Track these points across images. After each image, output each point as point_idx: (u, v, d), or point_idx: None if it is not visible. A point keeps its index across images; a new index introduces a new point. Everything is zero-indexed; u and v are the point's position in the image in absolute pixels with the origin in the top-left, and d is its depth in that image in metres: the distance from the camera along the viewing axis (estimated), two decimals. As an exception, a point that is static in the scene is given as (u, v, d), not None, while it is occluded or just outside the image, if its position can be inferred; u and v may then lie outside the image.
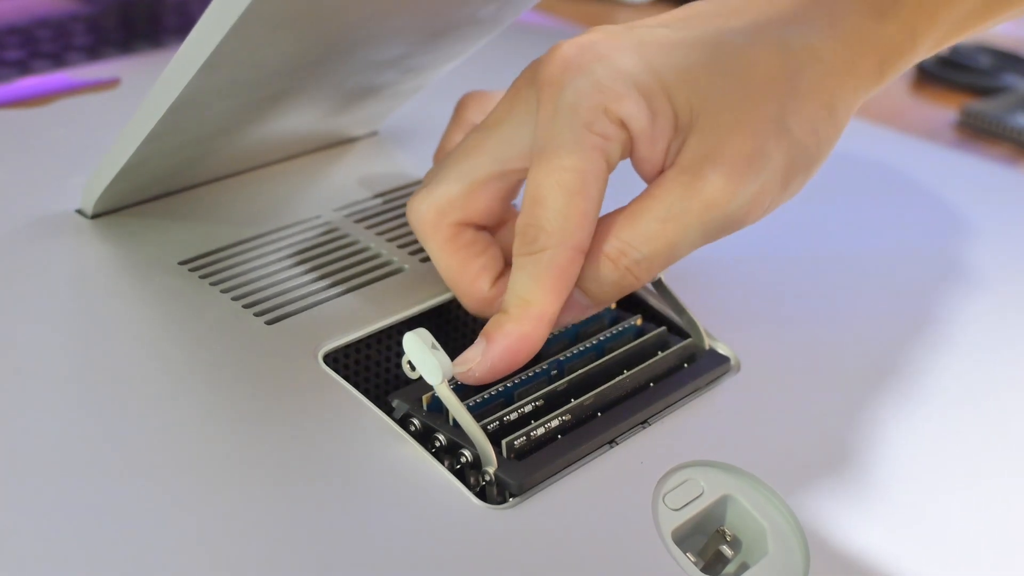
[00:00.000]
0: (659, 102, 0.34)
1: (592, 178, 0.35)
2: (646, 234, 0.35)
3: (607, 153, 0.35)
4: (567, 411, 0.36)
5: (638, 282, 0.36)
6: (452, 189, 0.38)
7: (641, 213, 0.35)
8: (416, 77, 0.46)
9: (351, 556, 0.31)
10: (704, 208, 0.34)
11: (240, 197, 0.46)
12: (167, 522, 0.31)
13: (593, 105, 0.34)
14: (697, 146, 0.35)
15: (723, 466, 0.36)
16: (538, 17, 0.73)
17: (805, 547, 0.34)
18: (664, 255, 0.35)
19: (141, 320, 0.39)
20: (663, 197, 0.35)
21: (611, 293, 0.36)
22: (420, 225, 0.38)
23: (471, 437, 0.34)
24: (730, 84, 0.35)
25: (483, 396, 0.36)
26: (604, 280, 0.36)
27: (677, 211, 0.35)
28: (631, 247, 0.35)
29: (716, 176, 0.34)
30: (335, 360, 0.38)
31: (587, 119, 0.34)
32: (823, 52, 0.36)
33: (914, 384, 0.41)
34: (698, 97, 0.34)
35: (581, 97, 0.34)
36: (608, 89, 0.34)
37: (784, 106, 0.35)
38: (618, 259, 0.35)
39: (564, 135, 0.34)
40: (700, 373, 0.39)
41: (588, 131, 0.34)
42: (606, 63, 0.35)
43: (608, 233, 0.35)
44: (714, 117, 0.34)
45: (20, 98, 0.54)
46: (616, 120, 0.34)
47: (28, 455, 0.33)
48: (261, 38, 0.35)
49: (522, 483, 0.34)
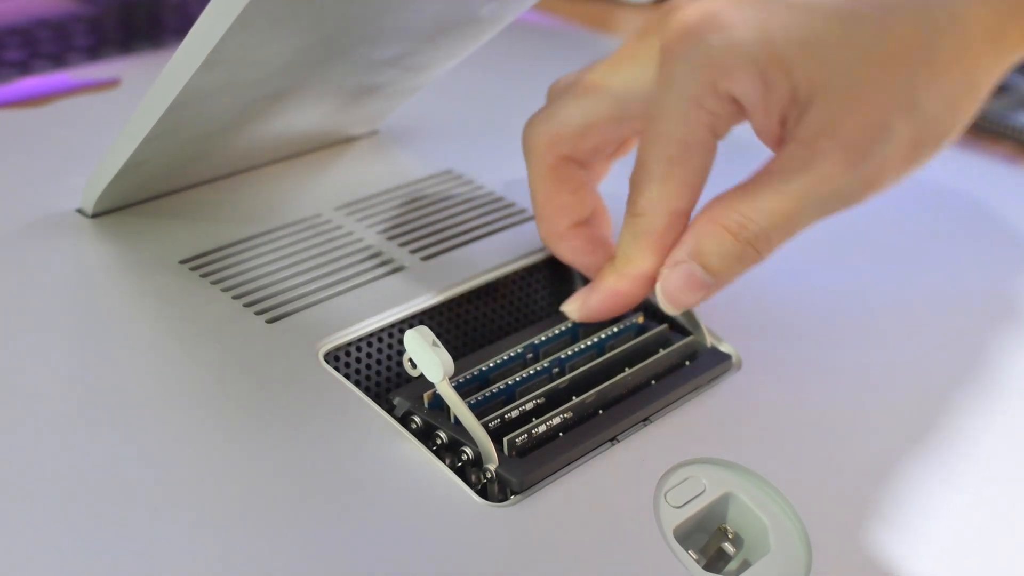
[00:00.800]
0: (775, 75, 0.34)
1: (696, 150, 0.35)
2: (764, 208, 0.35)
3: (714, 128, 0.35)
4: (568, 408, 0.36)
5: (758, 255, 0.36)
6: (571, 122, 0.39)
7: (759, 187, 0.35)
8: (416, 76, 0.46)
9: (352, 554, 0.31)
10: (820, 182, 0.34)
11: (240, 196, 0.45)
12: (168, 521, 0.31)
13: (704, 80, 0.34)
14: (816, 119, 0.34)
15: (725, 463, 0.36)
16: (538, 16, 0.73)
17: (807, 544, 0.34)
18: (782, 228, 0.35)
19: (142, 319, 0.39)
20: (779, 171, 0.35)
21: (732, 267, 0.36)
22: (530, 147, 0.40)
23: (472, 435, 0.34)
24: (857, 56, 0.34)
25: (484, 394, 0.36)
26: (726, 254, 0.36)
27: (795, 186, 0.34)
28: (751, 220, 0.35)
29: (833, 150, 0.34)
30: (336, 358, 0.38)
31: (696, 93, 0.35)
32: (968, 18, 0.35)
33: (915, 380, 0.41)
34: (821, 69, 0.34)
35: (693, 70, 0.35)
36: (720, 64, 0.34)
37: (916, 78, 0.34)
38: (738, 232, 0.35)
39: (673, 106, 0.35)
40: (701, 371, 0.39)
41: (696, 106, 0.35)
42: (724, 34, 0.34)
43: (728, 207, 0.35)
44: (837, 90, 0.34)
45: (20, 98, 0.54)
46: (726, 96, 0.35)
47: (28, 454, 0.33)
48: (260, 37, 0.35)
49: (523, 481, 0.34)
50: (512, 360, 0.38)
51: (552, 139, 0.39)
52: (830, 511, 0.35)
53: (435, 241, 0.44)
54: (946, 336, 0.44)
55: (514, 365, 0.38)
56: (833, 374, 0.41)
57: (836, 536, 0.35)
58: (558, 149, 0.40)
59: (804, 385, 0.40)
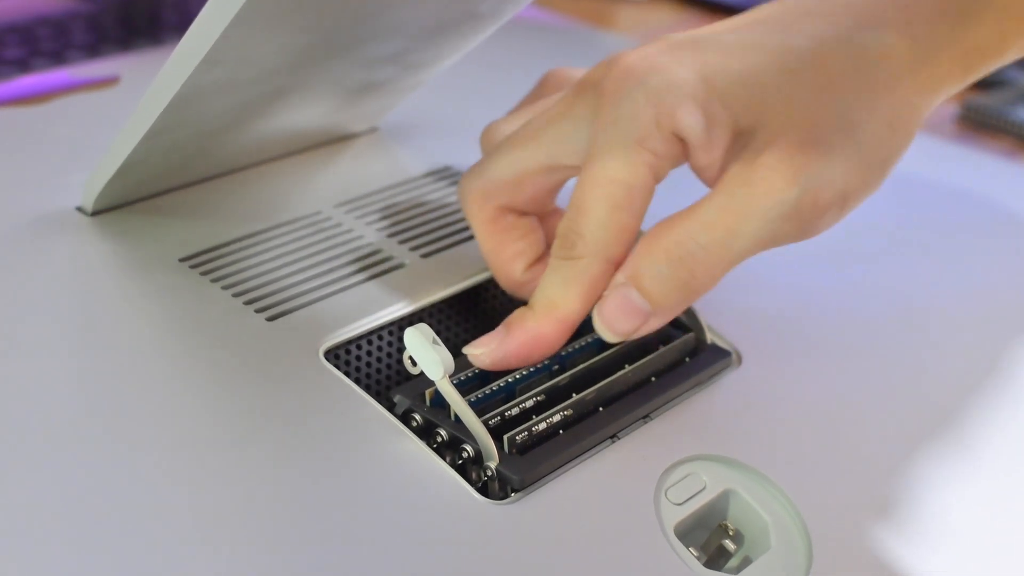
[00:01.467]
0: (715, 110, 0.34)
1: (638, 192, 0.35)
2: (703, 222, 0.34)
3: (656, 168, 0.35)
4: (569, 406, 0.36)
5: (693, 279, 0.34)
6: (502, 174, 0.39)
7: (701, 205, 0.35)
8: (416, 73, 0.46)
9: (353, 551, 0.31)
10: (762, 195, 0.34)
11: (240, 193, 0.45)
12: (169, 519, 0.31)
13: (647, 119, 0.34)
14: (758, 142, 0.34)
15: (725, 460, 0.36)
16: (538, 13, 0.73)
17: (808, 541, 0.34)
18: (723, 246, 0.34)
19: (141, 317, 0.39)
20: (722, 188, 0.34)
21: (668, 292, 0.35)
22: (465, 203, 0.40)
23: (472, 432, 0.34)
24: (794, 85, 0.34)
25: (485, 391, 0.36)
26: (660, 275, 0.34)
27: (736, 199, 0.34)
28: (688, 237, 0.34)
29: (773, 162, 0.34)
30: (336, 356, 0.38)
31: (640, 134, 0.34)
32: (899, 50, 0.35)
33: (916, 376, 0.41)
34: (760, 100, 0.34)
35: (636, 110, 0.34)
36: (662, 101, 0.34)
37: (852, 101, 0.35)
38: (672, 249, 0.34)
39: (616, 147, 0.35)
40: (702, 367, 0.39)
41: (640, 146, 0.34)
42: (663, 74, 0.35)
43: (668, 227, 0.35)
44: (777, 116, 0.34)
45: (20, 96, 0.54)
46: (668, 134, 0.35)
47: (29, 452, 0.33)
48: (259, 34, 0.35)
49: (524, 478, 0.34)
50: None
51: (483, 193, 0.39)
52: (831, 508, 0.35)
53: (435, 239, 0.44)
54: (947, 332, 0.44)
55: None
56: (834, 370, 0.41)
57: (837, 533, 0.35)
58: (493, 201, 0.39)
59: (805, 381, 0.40)
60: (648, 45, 0.36)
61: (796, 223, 0.34)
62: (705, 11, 0.86)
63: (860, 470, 0.37)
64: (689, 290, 0.35)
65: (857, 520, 0.35)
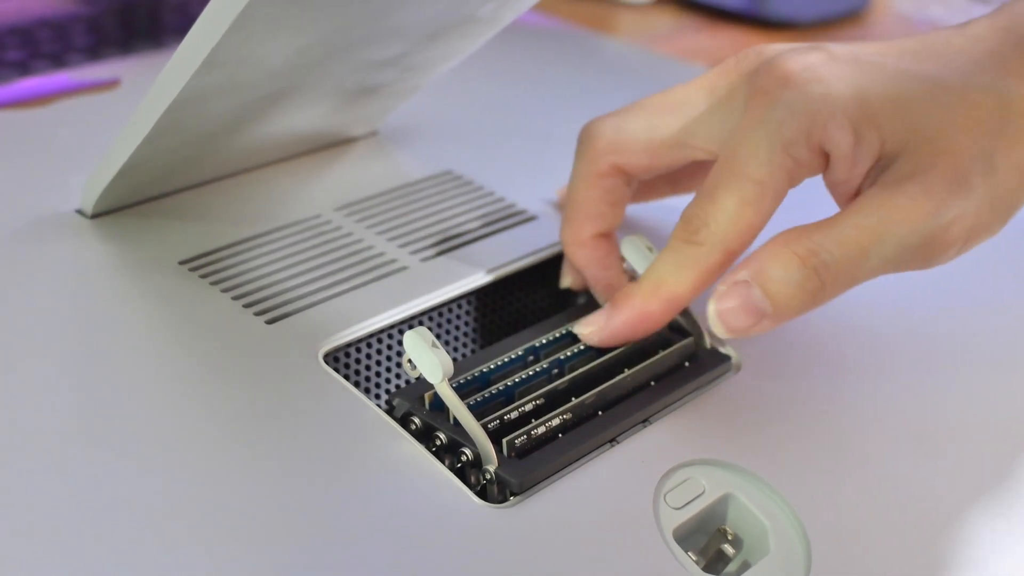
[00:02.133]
0: (866, 130, 0.35)
1: (770, 194, 0.35)
2: (839, 237, 0.35)
3: (794, 175, 0.36)
4: (568, 410, 0.36)
5: (823, 288, 0.35)
6: (636, 135, 0.39)
7: (835, 221, 0.35)
8: (416, 76, 0.46)
9: (352, 555, 0.31)
10: (899, 221, 0.34)
11: (240, 196, 0.45)
12: (167, 522, 0.31)
13: (798, 127, 0.35)
14: (901, 168, 0.35)
15: (724, 465, 0.36)
16: (538, 17, 0.73)
17: (807, 545, 0.34)
18: (854, 263, 0.35)
19: (141, 320, 0.39)
20: (860, 208, 0.35)
21: (794, 297, 0.35)
22: (587, 147, 0.40)
23: (472, 435, 0.34)
24: (942, 119, 0.35)
25: (484, 395, 0.36)
26: (790, 280, 0.34)
27: (874, 221, 0.34)
28: (822, 248, 0.34)
29: (916, 192, 0.34)
30: (336, 359, 0.38)
31: (788, 139, 0.35)
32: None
33: (915, 381, 0.41)
34: (908, 127, 0.35)
35: (790, 115, 0.35)
36: (817, 113, 0.35)
37: (995, 145, 0.35)
38: (807, 258, 0.34)
39: (761, 147, 0.35)
40: (701, 372, 0.39)
41: (785, 152, 0.35)
42: (823, 85, 0.35)
43: (801, 234, 0.35)
44: (922, 145, 0.35)
45: (20, 99, 0.54)
46: (816, 145, 0.35)
47: (27, 454, 0.33)
48: (260, 37, 0.35)
49: (523, 482, 0.34)
50: (513, 362, 0.38)
51: (612, 145, 0.40)
52: (830, 512, 0.35)
53: (435, 242, 0.44)
54: (947, 336, 0.44)
55: (514, 367, 0.38)
56: (833, 375, 0.41)
57: (835, 537, 0.35)
58: (615, 158, 0.40)
59: (804, 386, 0.40)
60: (811, 52, 0.36)
61: (925, 253, 0.35)
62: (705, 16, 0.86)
63: (859, 475, 0.37)
64: (814, 300, 0.35)
65: (855, 525, 0.35)
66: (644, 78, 0.65)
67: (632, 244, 0.39)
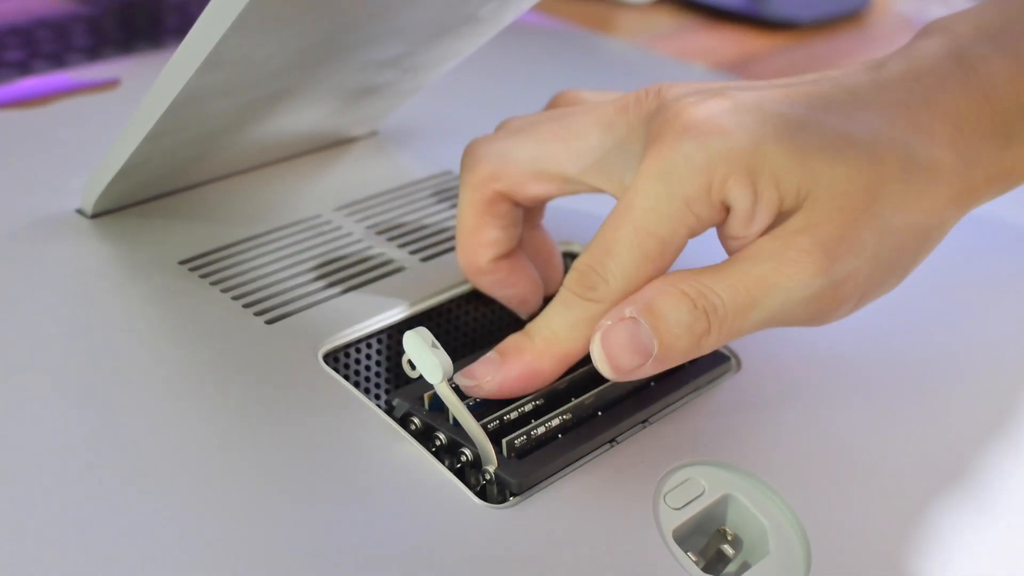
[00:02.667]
0: (766, 185, 0.34)
1: (671, 250, 0.34)
2: (729, 283, 0.34)
3: (695, 230, 0.35)
4: (567, 410, 0.36)
5: (708, 333, 0.34)
6: (521, 164, 0.38)
7: (726, 266, 0.34)
8: (416, 77, 0.46)
9: (351, 556, 0.31)
10: (790, 274, 0.34)
11: (240, 196, 0.45)
12: (167, 522, 0.31)
13: (700, 183, 0.34)
14: (796, 222, 0.34)
15: (724, 465, 0.36)
16: (538, 17, 0.73)
17: (806, 546, 0.34)
18: (741, 311, 0.34)
19: (141, 319, 0.39)
20: (752, 256, 0.34)
21: (681, 339, 0.34)
22: (470, 175, 0.39)
23: (471, 436, 0.34)
24: (844, 175, 0.34)
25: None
26: (679, 319, 0.34)
27: (764, 270, 0.34)
28: (712, 291, 0.34)
29: (808, 247, 0.34)
30: (335, 359, 0.38)
31: (689, 195, 0.34)
32: (943, 166, 0.35)
33: (915, 382, 0.41)
34: (809, 182, 0.34)
35: (690, 170, 0.34)
36: (718, 169, 0.34)
37: (894, 206, 0.35)
38: (697, 299, 0.34)
39: (661, 202, 0.34)
40: (700, 372, 0.39)
41: (686, 207, 0.34)
42: (724, 138, 0.34)
43: (690, 276, 0.34)
44: (821, 202, 0.34)
45: (20, 98, 0.54)
46: (717, 202, 0.34)
47: (27, 454, 0.33)
48: (260, 37, 0.35)
49: (522, 482, 0.34)
50: None
51: (495, 173, 0.38)
52: (829, 513, 0.35)
53: (434, 242, 0.44)
54: (946, 339, 0.44)
55: None
56: (832, 376, 0.41)
57: (835, 538, 0.35)
58: (499, 185, 0.38)
59: (803, 387, 0.40)
60: (711, 97, 0.35)
61: (814, 310, 0.35)
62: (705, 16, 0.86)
63: (858, 475, 0.37)
64: (698, 346, 0.34)
65: (855, 525, 0.35)
66: (644, 78, 0.65)
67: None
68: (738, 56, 0.80)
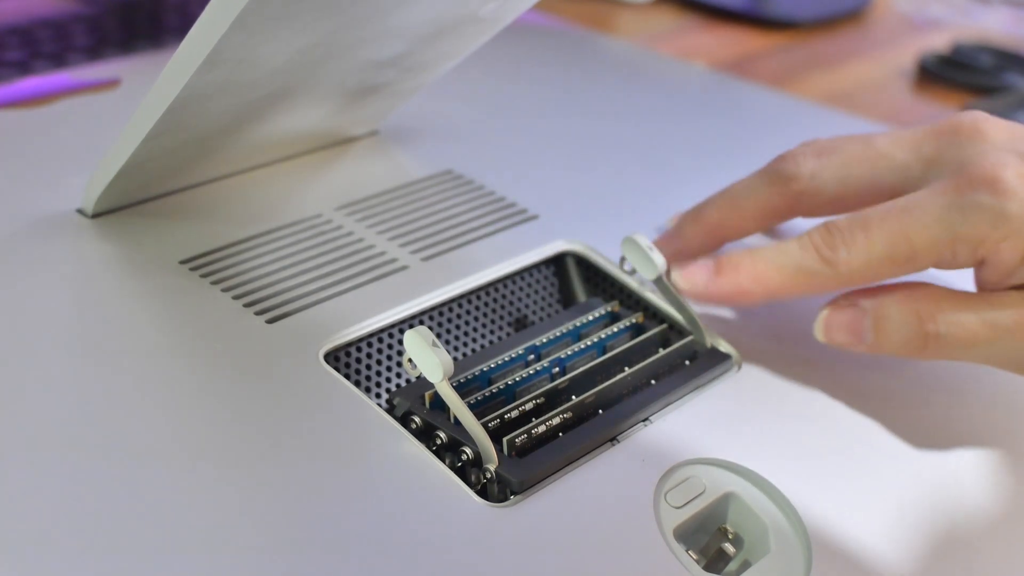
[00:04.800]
0: None
1: (916, 265, 0.36)
2: (961, 320, 0.36)
3: (944, 261, 0.36)
4: (568, 408, 0.36)
5: (922, 351, 0.36)
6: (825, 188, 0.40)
7: (969, 302, 0.36)
8: (416, 76, 0.46)
9: (352, 554, 0.31)
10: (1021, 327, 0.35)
11: (241, 196, 0.46)
12: (167, 522, 0.31)
13: (975, 233, 0.35)
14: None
15: (725, 464, 0.36)
16: (538, 17, 0.73)
17: (807, 545, 0.34)
18: (961, 346, 0.36)
19: (142, 319, 0.39)
20: (995, 303, 0.36)
21: (895, 344, 0.36)
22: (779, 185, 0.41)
23: (472, 435, 0.34)
24: None
25: (484, 393, 0.36)
26: (900, 330, 0.36)
27: (1001, 320, 0.35)
28: (943, 318, 0.36)
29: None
30: (336, 359, 0.38)
31: (960, 235, 0.35)
32: None
33: (916, 380, 0.41)
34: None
35: (976, 220, 0.35)
36: (998, 230, 0.35)
37: None
38: (926, 321, 0.36)
39: (936, 225, 0.36)
40: (702, 371, 0.39)
41: (952, 242, 0.36)
42: (1014, 203, 0.35)
43: (930, 298, 0.36)
44: None
45: (21, 98, 0.54)
46: (979, 256, 0.36)
47: (28, 454, 0.33)
48: (260, 37, 0.35)
49: (523, 480, 0.34)
50: (514, 361, 0.38)
51: (802, 194, 0.40)
52: (830, 512, 0.35)
53: (435, 241, 0.44)
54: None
55: (515, 366, 0.38)
56: (834, 374, 0.41)
57: (836, 537, 0.35)
58: (797, 203, 0.41)
59: (805, 386, 0.40)
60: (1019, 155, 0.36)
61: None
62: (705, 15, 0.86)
63: (859, 474, 0.37)
64: (908, 354, 0.36)
65: (856, 524, 0.35)
66: (645, 78, 0.65)
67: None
68: (738, 55, 0.80)
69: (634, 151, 0.53)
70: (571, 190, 0.49)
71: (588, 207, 0.48)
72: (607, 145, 0.54)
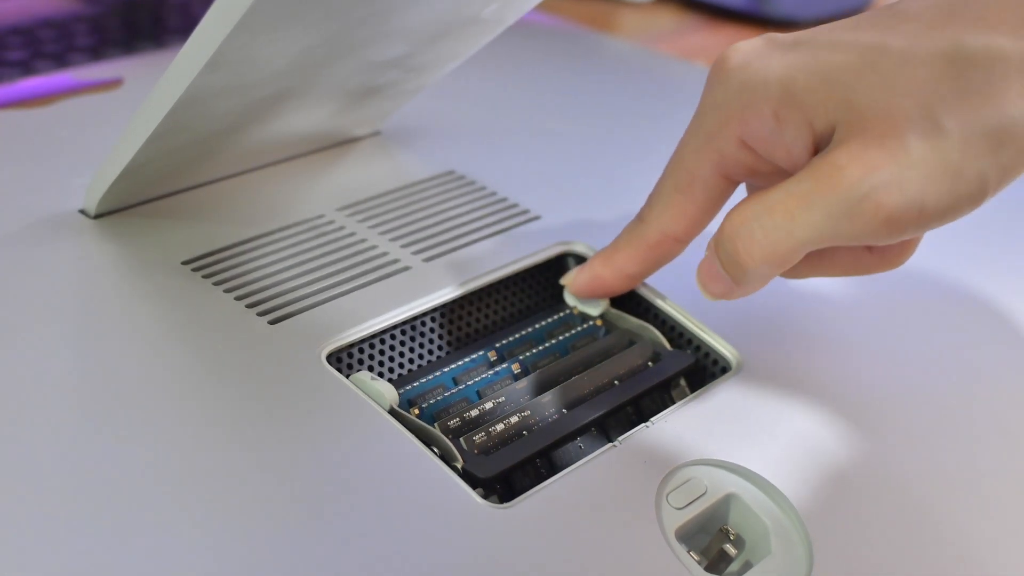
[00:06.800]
0: (788, 112, 0.34)
1: (701, 184, 0.37)
2: (767, 204, 0.34)
3: (723, 168, 0.36)
4: (527, 407, 0.37)
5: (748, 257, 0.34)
6: None
7: (769, 191, 0.34)
8: (419, 77, 0.46)
9: (353, 554, 0.31)
10: (827, 189, 0.33)
11: (243, 196, 0.46)
12: (169, 521, 0.31)
13: (718, 119, 0.36)
14: (833, 140, 0.34)
15: (726, 465, 0.36)
16: (540, 17, 0.73)
17: (808, 546, 0.34)
18: (780, 229, 0.34)
19: (144, 320, 0.39)
20: (792, 178, 0.34)
21: (731, 268, 0.36)
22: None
23: (432, 439, 0.35)
24: (876, 82, 0.33)
25: (446, 395, 0.38)
26: (725, 252, 0.35)
27: (801, 188, 0.33)
28: (753, 214, 0.34)
29: (842, 160, 0.33)
30: (338, 359, 0.39)
31: (710, 131, 0.36)
32: (1008, 54, 0.33)
33: (917, 381, 0.41)
34: (839, 100, 0.33)
35: (713, 108, 0.36)
36: (733, 103, 0.35)
37: (941, 107, 0.33)
38: (727, 229, 0.35)
39: (691, 137, 0.37)
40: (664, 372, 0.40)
41: (709, 143, 0.36)
42: (744, 73, 0.35)
43: (736, 209, 0.35)
44: (853, 116, 0.33)
45: (23, 98, 0.54)
46: (735, 138, 0.35)
47: (30, 455, 0.33)
48: (264, 38, 0.35)
49: (489, 475, 0.34)
50: (475, 362, 0.40)
51: None
52: (831, 513, 0.35)
53: (438, 242, 0.44)
54: (948, 339, 0.44)
55: (479, 366, 0.40)
56: (835, 375, 0.41)
57: (837, 538, 0.35)
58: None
59: (806, 386, 0.40)
60: (752, 41, 0.36)
61: (859, 224, 0.33)
62: (706, 15, 0.86)
63: (861, 475, 0.37)
64: (740, 268, 0.35)
65: (857, 525, 0.35)
66: (645, 77, 0.65)
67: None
68: (739, 55, 0.80)
69: (636, 152, 0.53)
70: (573, 191, 0.49)
71: (590, 208, 0.48)
72: (609, 146, 0.54)
